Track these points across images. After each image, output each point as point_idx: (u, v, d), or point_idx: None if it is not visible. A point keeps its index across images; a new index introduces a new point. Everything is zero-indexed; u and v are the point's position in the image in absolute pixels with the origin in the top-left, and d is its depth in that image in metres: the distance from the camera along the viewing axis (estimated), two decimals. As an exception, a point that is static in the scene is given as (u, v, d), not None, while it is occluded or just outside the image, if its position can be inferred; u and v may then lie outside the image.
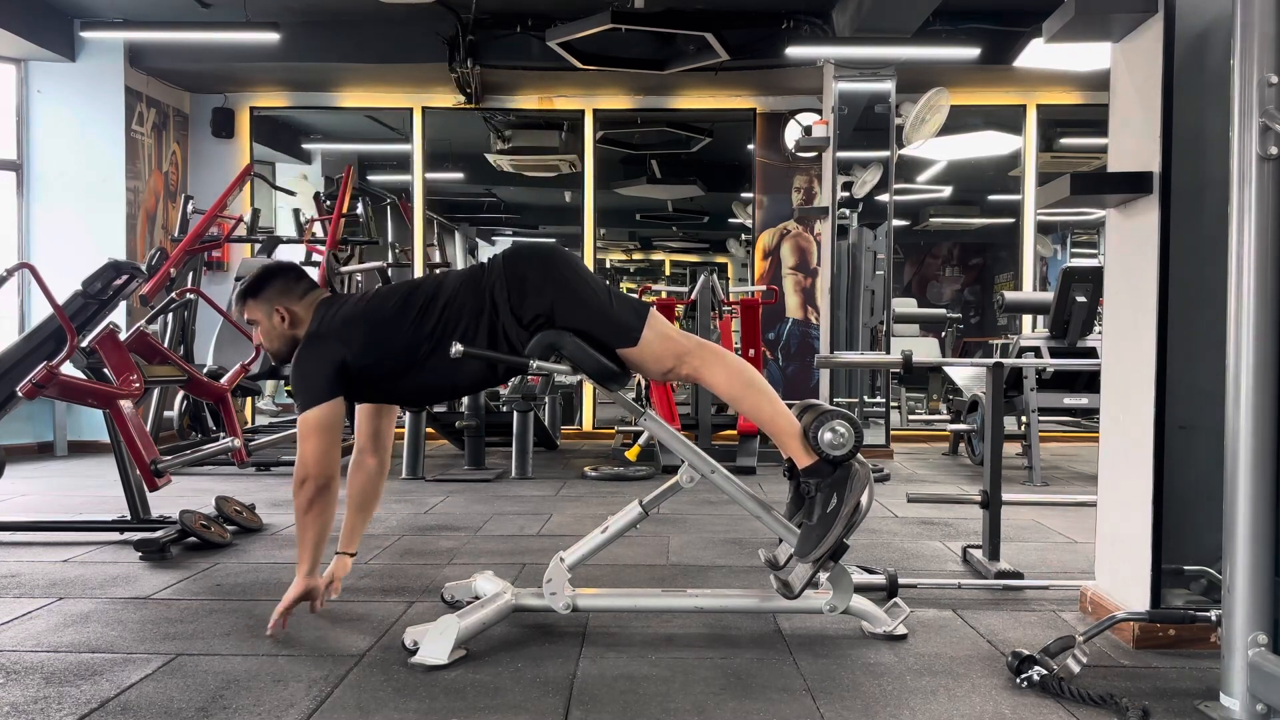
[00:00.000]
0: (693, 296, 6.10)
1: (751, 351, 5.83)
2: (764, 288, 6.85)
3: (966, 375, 6.34)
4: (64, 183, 6.50)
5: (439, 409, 5.96)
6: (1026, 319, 7.62)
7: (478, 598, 2.47)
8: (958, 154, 8.55)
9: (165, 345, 4.45)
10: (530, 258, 2.38)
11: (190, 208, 6.16)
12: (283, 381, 7.21)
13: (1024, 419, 5.34)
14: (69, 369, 3.26)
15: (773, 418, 2.32)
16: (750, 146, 7.51)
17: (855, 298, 6.76)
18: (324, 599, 2.50)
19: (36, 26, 6.10)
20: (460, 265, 10.17)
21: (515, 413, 5.31)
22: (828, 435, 2.23)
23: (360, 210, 6.65)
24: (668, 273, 15.86)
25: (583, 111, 7.43)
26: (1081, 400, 5.38)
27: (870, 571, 2.77)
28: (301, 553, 2.38)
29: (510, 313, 2.30)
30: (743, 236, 12.19)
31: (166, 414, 5.73)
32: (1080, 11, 2.35)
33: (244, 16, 6.03)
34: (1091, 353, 5.34)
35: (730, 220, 12.13)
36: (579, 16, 5.63)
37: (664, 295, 7.20)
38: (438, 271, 2.82)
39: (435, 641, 2.16)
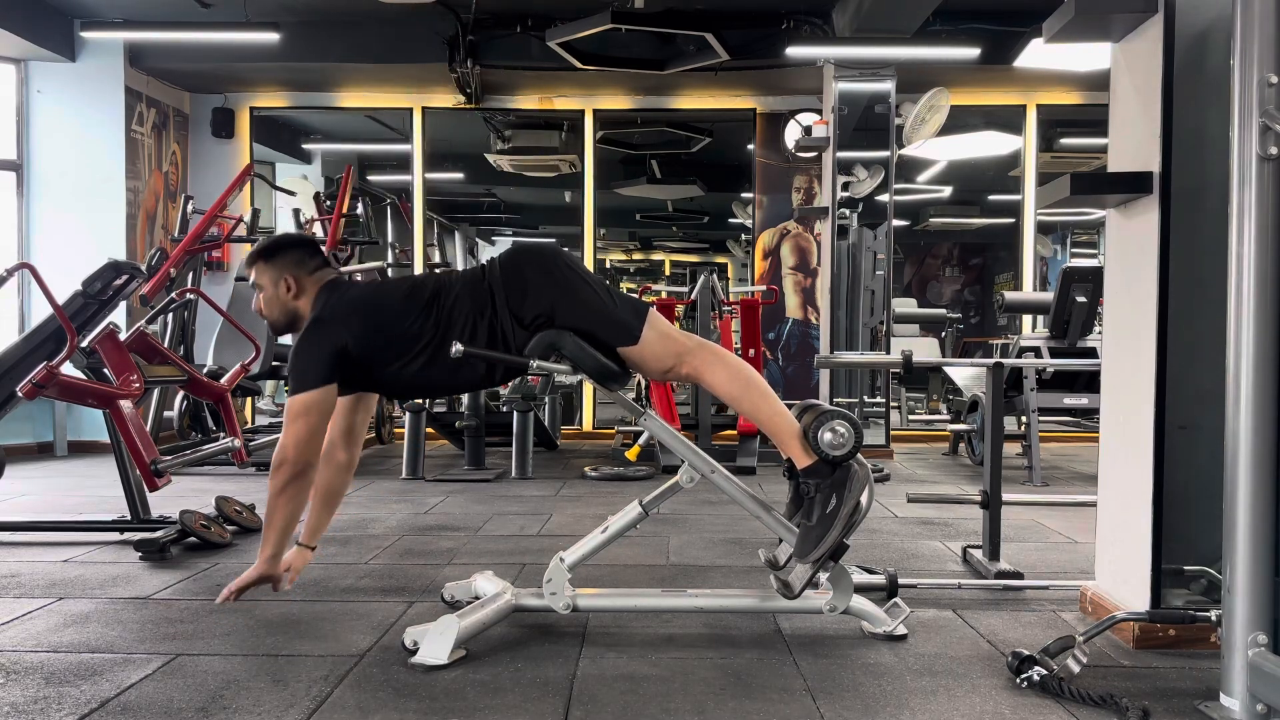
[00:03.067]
0: (693, 296, 6.10)
1: (751, 351, 5.83)
2: (764, 288, 6.85)
3: (966, 375, 6.34)
4: (64, 183, 6.50)
5: (439, 409, 5.96)
6: (1026, 319, 7.62)
7: (478, 598, 2.48)
8: (958, 154, 8.54)
9: (165, 345, 4.44)
10: (531, 258, 2.39)
11: (190, 208, 6.16)
12: (283, 381, 7.21)
13: (1024, 419, 5.34)
14: (69, 369, 3.26)
15: (771, 417, 2.32)
16: (750, 146, 7.51)
17: (855, 298, 6.76)
18: (279, 587, 2.53)
19: (36, 26, 6.10)
20: (460, 265, 10.18)
21: (515, 413, 5.31)
22: (828, 435, 2.23)
23: (360, 210, 6.65)
24: (668, 273, 15.86)
25: (583, 111, 7.43)
26: (1081, 400, 5.38)
27: (870, 571, 2.77)
28: (267, 535, 2.39)
29: (510, 313, 2.31)
30: (743, 236, 12.19)
31: (166, 414, 5.72)
32: (1080, 11, 2.35)
33: (244, 16, 6.03)
34: (1091, 353, 5.34)
35: (730, 220, 12.12)
36: (579, 16, 5.63)
37: (664, 295, 7.21)
38: (440, 270, 2.83)
39: (435, 641, 2.16)
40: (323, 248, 6.15)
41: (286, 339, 6.44)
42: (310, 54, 6.62)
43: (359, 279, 6.34)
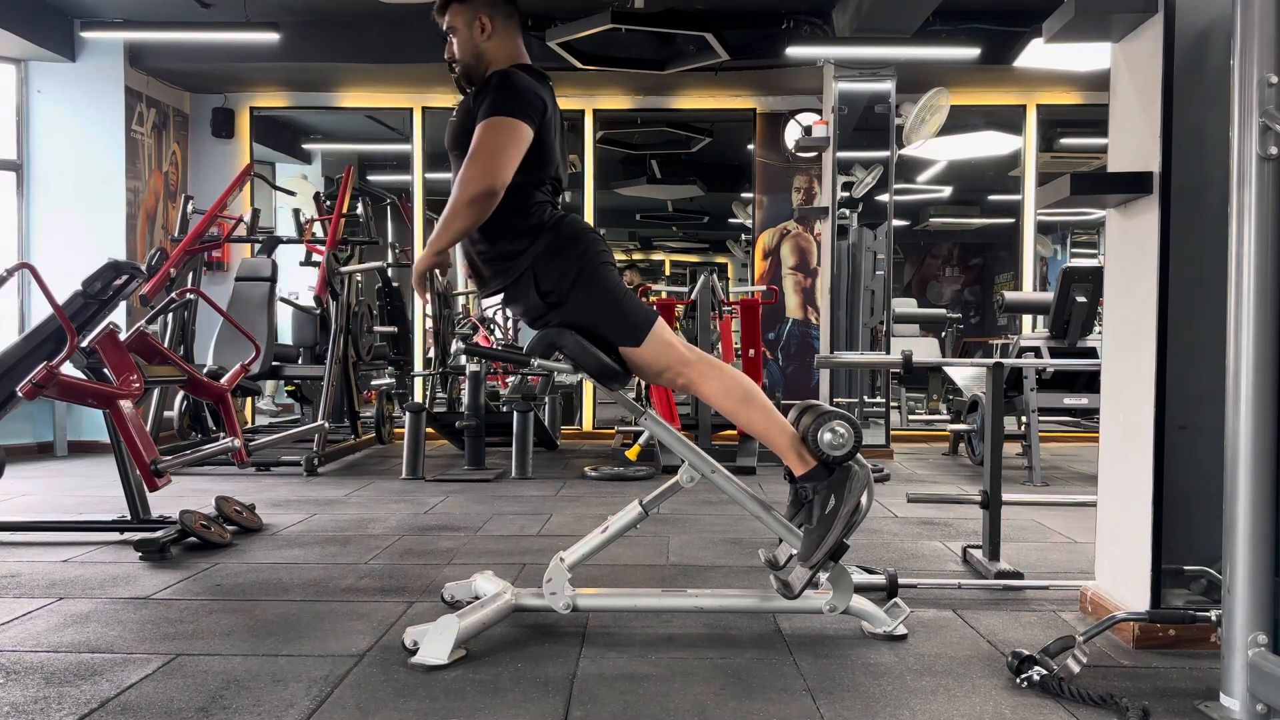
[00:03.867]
0: (693, 296, 6.09)
1: (751, 352, 5.82)
2: (764, 288, 6.85)
3: (966, 375, 6.34)
4: (64, 183, 6.50)
5: (438, 409, 5.96)
6: (1026, 319, 7.62)
7: (478, 598, 2.47)
8: (958, 154, 8.55)
9: (165, 345, 4.44)
10: (578, 231, 2.40)
11: (190, 208, 6.16)
12: (282, 382, 7.22)
13: (1024, 419, 5.34)
14: (69, 369, 3.26)
15: (767, 429, 2.32)
16: (750, 146, 7.51)
17: (855, 298, 6.76)
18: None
19: (36, 26, 6.10)
20: (460, 265, 10.16)
21: (515, 413, 5.31)
22: (827, 436, 2.23)
23: (360, 210, 6.64)
24: (668, 273, 15.87)
25: (583, 111, 7.43)
26: (1081, 400, 5.38)
27: (870, 571, 2.77)
28: (441, 234, 2.30)
29: (534, 273, 2.32)
30: (743, 236, 12.19)
31: (166, 414, 5.72)
32: (1080, 11, 2.35)
33: (244, 16, 6.04)
34: (1091, 353, 5.34)
35: (730, 220, 12.13)
36: (579, 16, 5.63)
37: (664, 295, 7.21)
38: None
39: (435, 641, 2.16)
40: (308, 269, 6.12)
41: (285, 339, 6.47)
42: (310, 54, 6.62)
43: (359, 278, 6.34)
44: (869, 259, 6.69)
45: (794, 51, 6.03)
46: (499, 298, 2.46)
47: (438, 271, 2.43)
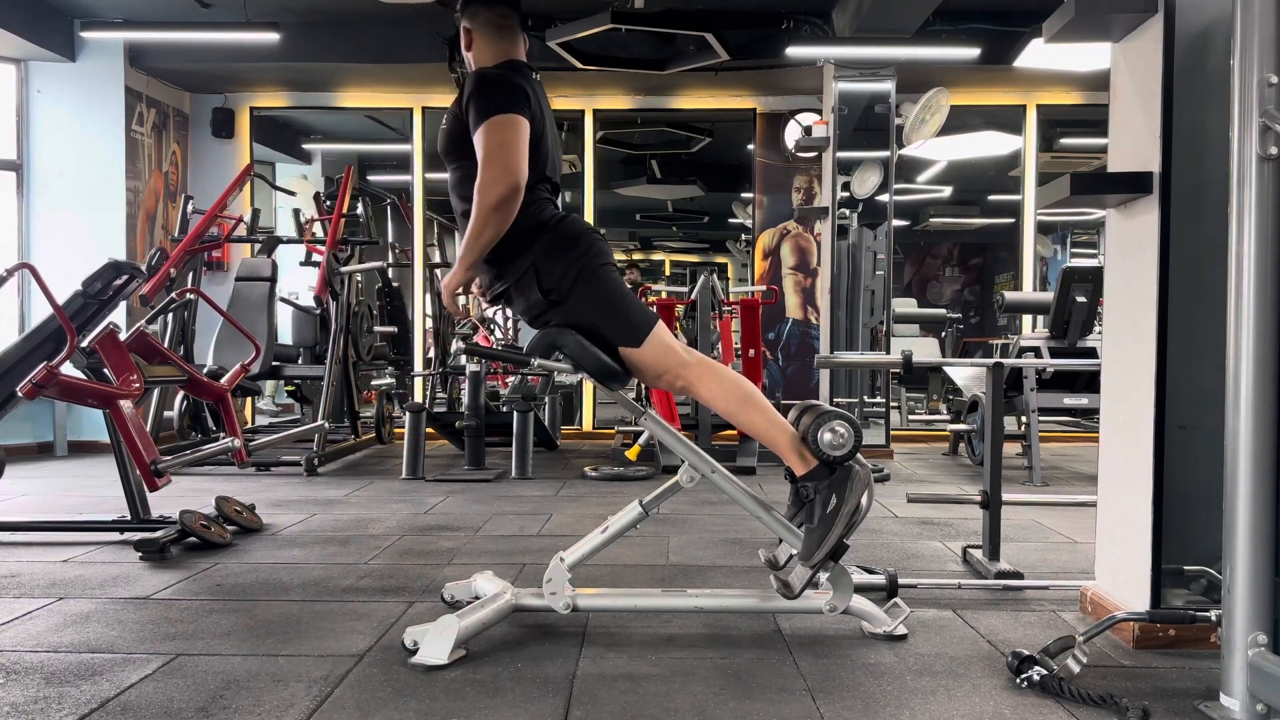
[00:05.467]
0: (693, 297, 6.09)
1: (751, 352, 5.82)
2: (764, 288, 6.85)
3: (966, 375, 6.34)
4: (64, 183, 6.50)
5: (438, 409, 5.96)
6: (1026, 319, 7.62)
7: (478, 598, 2.48)
8: (958, 154, 8.55)
9: (165, 345, 4.45)
10: (581, 230, 2.40)
11: (190, 208, 6.16)
12: (282, 382, 7.22)
13: (1024, 419, 5.34)
14: (69, 369, 3.26)
15: (768, 430, 2.32)
16: (750, 146, 7.51)
17: (855, 298, 6.76)
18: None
19: (36, 26, 6.10)
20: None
21: (515, 413, 5.31)
22: (827, 436, 2.23)
23: (360, 210, 6.65)
24: (668, 273, 15.88)
25: (583, 111, 7.43)
26: (1081, 400, 5.38)
27: (870, 571, 2.77)
28: (471, 247, 2.29)
29: (535, 271, 2.32)
30: (743, 236, 12.19)
31: (166, 414, 5.72)
32: (1080, 11, 2.35)
33: (244, 16, 6.04)
34: (1091, 353, 5.34)
35: (730, 220, 12.13)
36: (579, 16, 5.62)
37: (664, 295, 7.20)
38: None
39: (435, 641, 2.16)
40: (308, 269, 6.11)
41: (285, 339, 6.47)
42: (310, 54, 6.62)
43: (359, 278, 6.34)
44: (869, 259, 6.69)
45: (794, 51, 6.03)
46: (501, 298, 2.46)
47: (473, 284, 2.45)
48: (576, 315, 2.32)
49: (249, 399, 7.21)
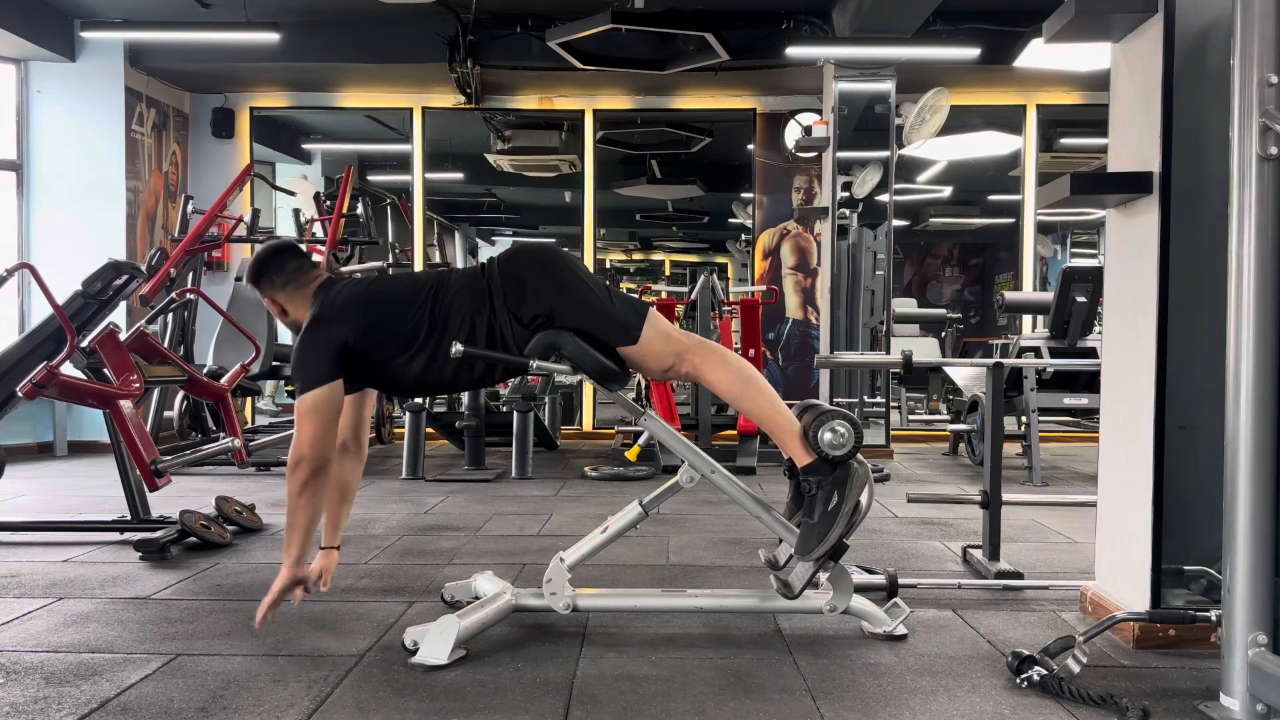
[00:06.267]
0: (693, 296, 6.10)
1: (751, 351, 5.82)
2: (764, 288, 6.84)
3: (966, 375, 6.34)
4: (64, 183, 6.49)
5: (439, 409, 5.96)
6: (1026, 319, 7.62)
7: (478, 598, 2.48)
8: (958, 154, 8.54)
9: (165, 345, 4.44)
10: (529, 258, 2.38)
11: (190, 208, 6.16)
12: (283, 381, 7.21)
13: (1024, 419, 5.34)
14: (69, 369, 3.26)
15: (772, 416, 2.31)
16: (750, 146, 7.51)
17: (855, 298, 6.76)
18: (312, 590, 2.41)
19: (36, 26, 6.10)
20: (460, 265, 10.18)
21: (515, 413, 5.31)
22: (827, 435, 2.23)
23: (360, 210, 6.65)
24: (668, 273, 15.87)
25: (583, 111, 7.43)
26: (1081, 400, 5.38)
27: (870, 571, 2.77)
28: (290, 539, 2.31)
29: (509, 313, 2.30)
30: (743, 236, 12.19)
31: (166, 414, 5.72)
32: (1080, 11, 2.35)
33: (244, 16, 6.03)
34: (1091, 353, 5.34)
35: (730, 220, 12.12)
36: (579, 16, 5.63)
37: (664, 295, 7.21)
38: (440, 269, 2.76)
39: (435, 641, 2.16)
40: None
41: (286, 339, 6.47)
42: (310, 54, 6.62)
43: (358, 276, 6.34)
44: (869, 259, 6.69)
45: (794, 51, 6.03)
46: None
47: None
48: (568, 324, 2.31)
49: (249, 399, 7.20)
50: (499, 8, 6.34)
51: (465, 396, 5.44)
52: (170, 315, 5.65)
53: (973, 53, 5.94)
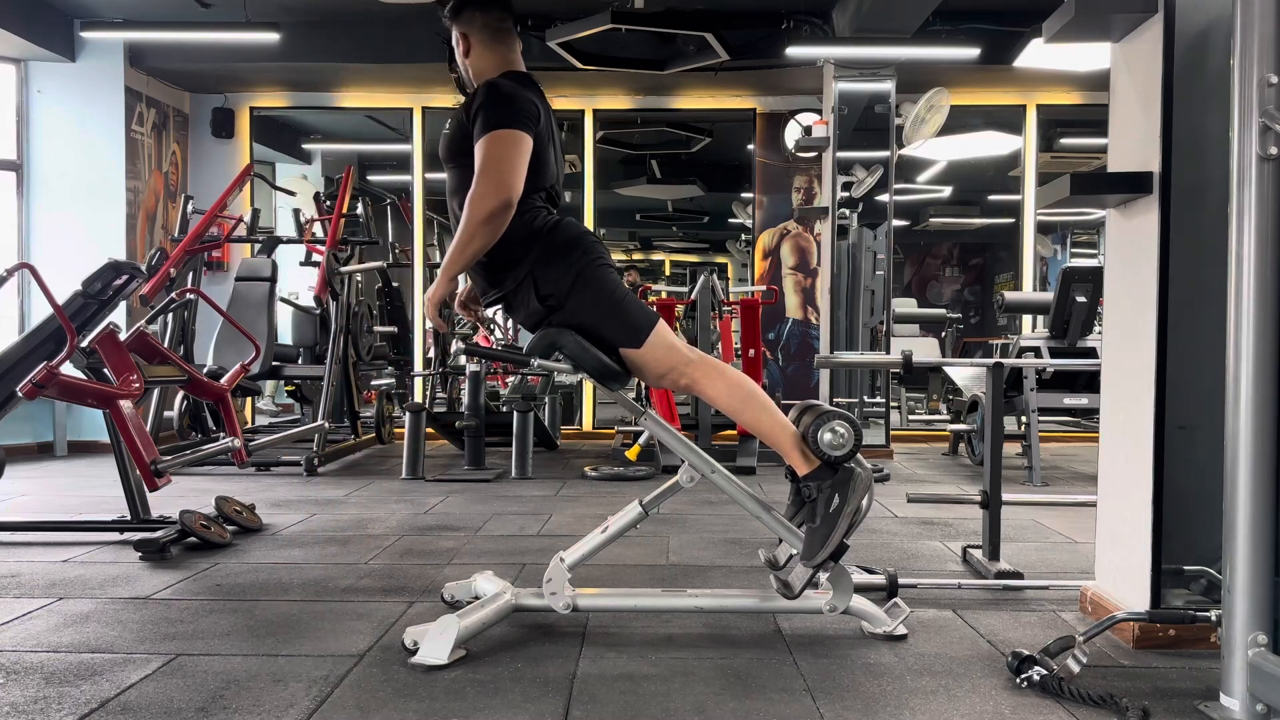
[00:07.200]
0: (693, 296, 6.09)
1: (751, 352, 5.82)
2: (764, 288, 6.85)
3: (966, 375, 6.34)
4: (64, 183, 6.49)
5: (438, 409, 5.96)
6: (1026, 319, 7.62)
7: (478, 598, 2.48)
8: (958, 154, 8.54)
9: (165, 345, 4.44)
10: (575, 234, 2.39)
11: (190, 208, 6.16)
12: (282, 382, 7.21)
13: (1024, 419, 5.34)
14: (69, 369, 3.26)
15: (771, 429, 2.32)
16: (750, 146, 7.51)
17: (855, 298, 6.76)
18: (455, 303, 2.51)
19: (36, 26, 6.10)
20: (461, 279, 10.14)
21: (515, 413, 5.31)
22: (827, 435, 2.23)
23: (360, 210, 6.64)
24: (668, 273, 15.87)
25: (583, 111, 7.43)
26: (1081, 400, 5.38)
27: (870, 571, 2.77)
28: (454, 259, 2.28)
29: (533, 278, 2.32)
30: (743, 236, 12.19)
31: (166, 414, 5.72)
32: (1080, 11, 2.35)
33: (244, 16, 6.03)
34: (1091, 353, 5.34)
35: (730, 220, 12.13)
36: (579, 16, 5.62)
37: (664, 295, 7.21)
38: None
39: (435, 641, 2.16)
40: (308, 269, 6.10)
41: (286, 339, 6.47)
42: (310, 54, 6.62)
43: (359, 278, 6.34)
44: (869, 259, 6.69)
45: (794, 51, 6.03)
46: (499, 305, 2.46)
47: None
48: (575, 318, 2.31)
49: (249, 399, 7.20)
50: (499, 8, 6.33)
51: (465, 396, 5.44)
52: (170, 315, 5.65)
53: (973, 53, 5.94)
